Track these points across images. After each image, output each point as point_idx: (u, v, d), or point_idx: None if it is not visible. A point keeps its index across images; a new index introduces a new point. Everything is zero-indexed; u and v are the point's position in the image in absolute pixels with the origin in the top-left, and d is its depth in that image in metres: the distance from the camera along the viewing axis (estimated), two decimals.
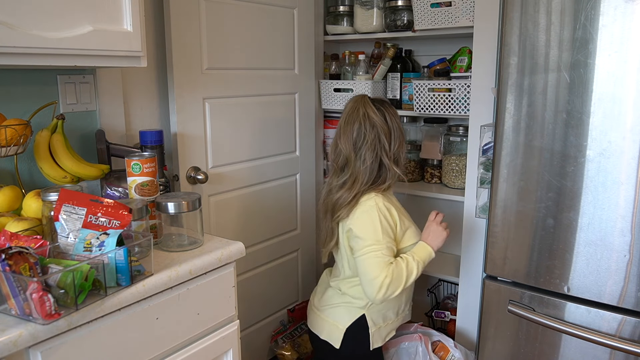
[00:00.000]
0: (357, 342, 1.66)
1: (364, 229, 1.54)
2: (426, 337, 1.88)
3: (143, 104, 1.77)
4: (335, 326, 1.67)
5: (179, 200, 1.29)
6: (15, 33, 1.08)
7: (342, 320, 1.66)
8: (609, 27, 1.28)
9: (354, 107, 1.62)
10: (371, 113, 1.58)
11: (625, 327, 1.38)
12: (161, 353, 1.17)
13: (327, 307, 1.71)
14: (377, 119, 1.58)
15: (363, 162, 1.57)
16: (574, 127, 1.37)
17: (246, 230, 2.10)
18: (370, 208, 1.55)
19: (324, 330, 1.69)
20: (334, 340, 1.66)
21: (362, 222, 1.55)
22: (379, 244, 1.52)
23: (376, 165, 1.58)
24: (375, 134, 1.57)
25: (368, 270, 1.51)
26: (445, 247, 2.54)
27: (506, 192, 1.52)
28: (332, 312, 1.69)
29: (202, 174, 1.85)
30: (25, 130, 1.27)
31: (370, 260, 1.51)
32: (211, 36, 1.85)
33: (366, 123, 1.58)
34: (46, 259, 1.00)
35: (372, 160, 1.57)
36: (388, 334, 1.72)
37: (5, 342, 0.87)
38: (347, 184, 1.59)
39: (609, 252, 1.37)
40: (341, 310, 1.67)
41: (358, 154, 1.58)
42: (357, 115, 1.59)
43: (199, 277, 1.23)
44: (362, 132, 1.57)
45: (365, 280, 1.53)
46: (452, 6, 2.03)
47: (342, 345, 1.65)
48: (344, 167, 1.62)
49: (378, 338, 1.68)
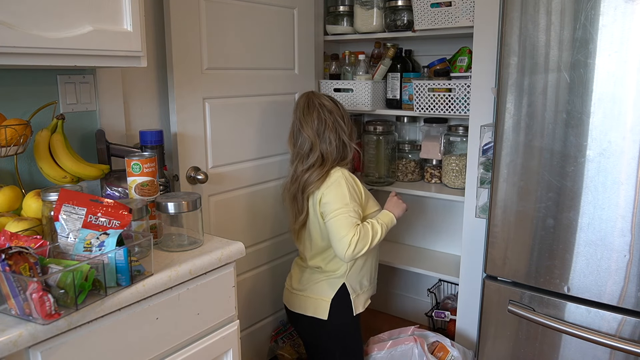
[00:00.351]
0: (341, 310, 1.81)
1: (334, 196, 1.72)
2: (421, 339, 1.88)
3: (143, 104, 1.77)
4: (320, 300, 1.81)
5: (179, 200, 1.29)
6: (15, 33, 1.08)
7: (326, 293, 1.81)
8: (609, 27, 1.28)
9: (307, 100, 1.83)
10: (324, 102, 1.82)
11: (625, 327, 1.38)
12: (161, 353, 1.17)
13: (308, 285, 1.85)
14: (331, 105, 1.81)
15: (329, 143, 1.78)
16: (574, 127, 1.37)
17: (246, 230, 2.10)
18: (339, 178, 1.74)
19: (310, 307, 1.83)
20: (321, 313, 1.80)
21: (332, 190, 1.73)
22: (347, 207, 1.69)
23: (340, 143, 1.79)
24: (334, 118, 1.80)
25: (339, 229, 1.67)
26: (445, 247, 2.56)
27: (506, 192, 1.52)
28: (315, 288, 1.83)
29: (202, 174, 1.85)
30: (25, 130, 1.27)
31: (340, 221, 1.68)
32: (211, 36, 1.85)
33: (324, 110, 1.80)
34: (46, 259, 1.00)
35: (336, 140, 1.78)
36: (366, 301, 1.89)
37: (5, 342, 0.87)
38: (315, 165, 1.78)
39: (609, 252, 1.37)
40: (324, 285, 1.82)
41: (322, 138, 1.78)
42: (313, 106, 1.81)
43: (199, 277, 1.23)
44: (323, 118, 1.79)
45: (335, 239, 1.68)
46: (452, 6, 2.03)
47: (329, 316, 1.79)
48: (309, 153, 1.79)
49: (359, 304, 1.85)
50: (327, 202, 1.72)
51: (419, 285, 2.67)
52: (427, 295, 2.55)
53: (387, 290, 2.77)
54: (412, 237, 2.65)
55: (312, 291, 1.84)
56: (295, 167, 1.84)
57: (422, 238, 2.62)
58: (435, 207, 2.56)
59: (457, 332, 2.14)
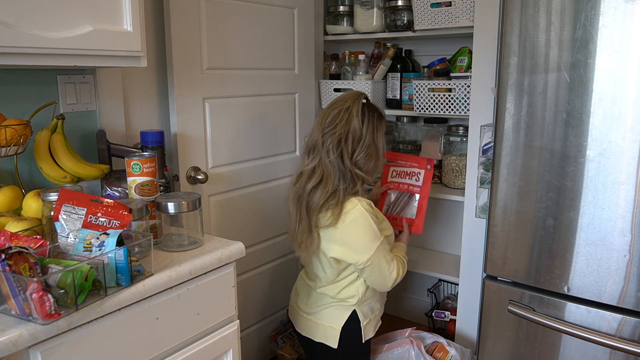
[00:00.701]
0: (351, 338, 1.68)
1: (363, 237, 1.53)
2: (418, 341, 1.88)
3: (143, 104, 1.77)
4: (330, 327, 1.67)
5: (179, 200, 1.29)
6: (15, 33, 1.08)
7: (336, 320, 1.66)
8: (609, 27, 1.28)
9: (346, 97, 1.59)
10: (354, 111, 1.54)
11: (625, 327, 1.38)
12: (161, 353, 1.17)
13: (317, 310, 1.70)
14: (355, 119, 1.53)
15: (327, 153, 1.53)
16: (574, 127, 1.37)
17: (246, 230, 2.10)
18: (361, 214, 1.52)
19: (318, 333, 1.70)
20: (331, 341, 1.67)
21: (358, 230, 1.53)
22: (379, 240, 1.55)
23: (340, 163, 1.53)
24: (345, 131, 1.53)
25: (381, 271, 1.58)
26: (445, 247, 2.56)
27: (506, 192, 1.52)
28: (324, 314, 1.68)
29: (202, 174, 1.85)
30: (25, 130, 1.27)
31: (381, 263, 1.56)
32: (211, 36, 1.85)
33: (344, 116, 1.53)
34: (46, 259, 1.00)
35: (335, 155, 1.52)
36: (377, 325, 1.77)
37: (5, 342, 0.87)
38: (316, 174, 1.54)
39: (609, 252, 1.37)
40: (333, 311, 1.67)
41: (324, 142, 1.53)
42: (342, 104, 1.56)
43: (199, 277, 1.23)
44: (336, 121, 1.53)
45: (380, 281, 1.60)
46: (452, 6, 2.03)
47: (339, 345, 1.66)
48: (312, 150, 1.58)
49: (369, 330, 1.72)
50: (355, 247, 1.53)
51: (418, 285, 2.67)
52: (427, 295, 2.55)
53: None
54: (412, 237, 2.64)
55: (321, 317, 1.69)
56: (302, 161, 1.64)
57: (422, 238, 2.62)
58: (435, 207, 2.56)
59: (457, 332, 2.14)
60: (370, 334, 1.72)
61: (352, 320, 1.66)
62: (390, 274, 1.59)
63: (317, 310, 1.70)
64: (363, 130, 1.54)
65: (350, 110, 1.54)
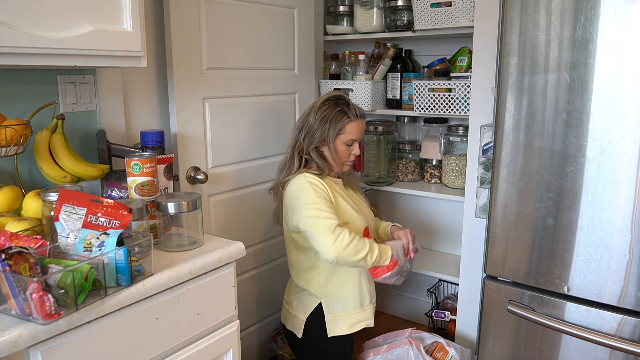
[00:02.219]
0: (316, 331, 1.72)
1: (299, 197, 1.60)
2: (417, 341, 1.88)
3: (143, 104, 1.77)
4: (296, 317, 1.76)
5: (179, 200, 1.29)
6: (15, 33, 1.08)
7: (302, 310, 1.74)
8: (609, 27, 1.28)
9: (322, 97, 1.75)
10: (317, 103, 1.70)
11: (625, 327, 1.38)
12: (161, 353, 1.17)
13: (290, 298, 1.81)
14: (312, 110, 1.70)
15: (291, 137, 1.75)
16: (574, 127, 1.37)
17: (246, 230, 2.10)
18: (302, 182, 1.62)
19: (289, 321, 1.80)
20: (297, 330, 1.75)
21: (296, 193, 1.62)
22: (317, 204, 1.56)
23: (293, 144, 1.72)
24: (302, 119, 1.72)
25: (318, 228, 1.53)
26: (445, 247, 2.56)
27: (506, 192, 1.52)
28: (295, 303, 1.78)
29: (202, 174, 1.85)
30: (25, 130, 1.27)
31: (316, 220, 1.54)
32: (211, 36, 1.85)
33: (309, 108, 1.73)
34: (46, 259, 1.00)
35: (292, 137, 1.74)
36: (354, 325, 1.72)
37: (5, 342, 0.87)
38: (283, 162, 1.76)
39: (609, 252, 1.37)
40: (302, 301, 1.75)
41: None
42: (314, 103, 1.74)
43: (199, 277, 1.23)
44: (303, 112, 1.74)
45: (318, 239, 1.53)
46: (452, 6, 2.03)
47: (304, 334, 1.73)
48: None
49: (336, 327, 1.70)
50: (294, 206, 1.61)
51: (418, 285, 2.67)
52: (427, 295, 2.56)
53: (387, 290, 2.77)
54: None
55: (292, 305, 1.79)
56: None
57: (422, 238, 2.62)
58: (435, 207, 2.56)
59: (457, 332, 2.14)
60: (337, 331, 1.70)
61: (317, 312, 1.71)
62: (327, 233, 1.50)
63: (290, 299, 1.81)
64: (315, 119, 1.68)
65: (314, 105, 1.72)
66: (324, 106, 1.68)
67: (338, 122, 1.66)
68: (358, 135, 1.71)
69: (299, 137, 1.71)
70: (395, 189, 2.36)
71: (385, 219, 1.95)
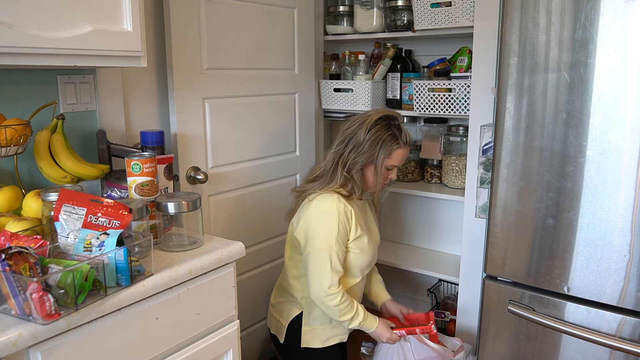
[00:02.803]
0: (294, 338, 1.73)
1: (321, 229, 1.59)
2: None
3: (143, 104, 1.77)
4: (279, 322, 1.79)
5: (179, 200, 1.29)
6: (15, 33, 1.08)
7: (285, 316, 1.77)
8: (609, 27, 1.28)
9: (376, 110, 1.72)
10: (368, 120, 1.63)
11: (625, 327, 1.38)
12: (161, 353, 1.17)
13: (276, 303, 1.83)
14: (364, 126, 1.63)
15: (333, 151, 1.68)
16: (574, 127, 1.37)
17: (246, 230, 2.10)
18: (334, 213, 1.59)
19: (273, 325, 1.83)
20: (279, 335, 1.78)
21: (321, 217, 1.60)
22: (333, 247, 1.57)
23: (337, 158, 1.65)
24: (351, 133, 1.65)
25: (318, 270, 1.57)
26: (445, 247, 2.56)
27: (506, 192, 1.52)
28: (279, 308, 1.81)
29: (202, 174, 1.85)
30: (25, 130, 1.27)
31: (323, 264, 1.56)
32: (211, 36, 1.85)
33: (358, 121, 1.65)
34: (46, 259, 1.00)
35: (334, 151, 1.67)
36: (330, 338, 1.73)
37: (5, 342, 0.87)
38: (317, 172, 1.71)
39: (609, 252, 1.37)
40: (285, 307, 1.78)
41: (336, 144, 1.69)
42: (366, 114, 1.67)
43: (199, 277, 1.23)
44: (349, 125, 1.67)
45: (313, 278, 1.58)
46: (452, 6, 2.03)
47: (285, 340, 1.76)
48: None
49: (312, 338, 1.71)
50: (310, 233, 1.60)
51: (419, 285, 2.67)
52: (427, 295, 2.55)
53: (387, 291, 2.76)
54: (412, 237, 2.65)
55: (277, 310, 1.81)
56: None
57: (422, 238, 2.62)
58: (435, 207, 2.56)
59: (457, 332, 2.14)
60: (313, 343, 1.71)
61: (297, 320, 1.73)
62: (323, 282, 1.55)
63: (276, 303, 1.83)
64: (365, 137, 1.62)
65: (365, 119, 1.64)
66: (376, 125, 1.63)
67: (388, 146, 1.63)
68: (401, 162, 1.71)
69: (344, 151, 1.64)
70: (395, 189, 2.36)
71: (385, 219, 1.95)
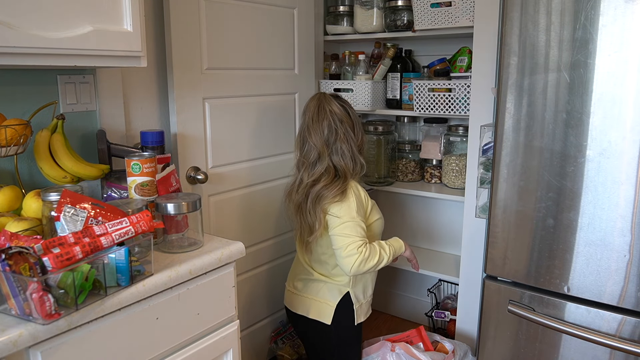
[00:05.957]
0: (345, 318, 1.79)
1: (341, 209, 1.66)
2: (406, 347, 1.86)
3: (143, 104, 1.77)
4: (325, 304, 1.78)
5: (179, 200, 1.29)
6: (15, 33, 1.08)
7: (331, 297, 1.78)
8: (609, 27, 1.28)
9: (318, 105, 1.73)
10: (335, 109, 1.70)
11: (625, 327, 1.38)
12: (161, 353, 1.17)
13: (313, 289, 1.82)
14: (341, 113, 1.71)
15: (342, 155, 1.70)
16: (574, 127, 1.37)
17: (246, 230, 2.10)
18: (353, 195, 1.68)
19: (313, 310, 1.80)
20: (325, 317, 1.77)
21: (340, 203, 1.67)
22: (354, 220, 1.64)
23: (353, 155, 1.71)
24: (345, 128, 1.70)
25: (345, 245, 1.62)
26: (445, 247, 2.56)
27: (506, 192, 1.52)
28: (320, 293, 1.80)
29: (202, 174, 1.85)
30: (25, 130, 1.27)
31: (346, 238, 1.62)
32: (211, 36, 1.85)
33: (335, 119, 1.70)
34: None
35: (349, 151, 1.70)
36: (368, 311, 1.87)
37: (5, 342, 0.87)
38: (324, 177, 1.69)
39: (609, 252, 1.37)
40: (329, 288, 1.79)
41: (333, 149, 1.70)
42: (324, 113, 1.71)
43: (199, 277, 1.23)
44: (333, 128, 1.69)
45: (341, 255, 1.63)
46: (452, 6, 2.03)
47: (332, 322, 1.76)
48: (316, 163, 1.72)
49: (361, 314, 1.83)
50: (334, 215, 1.66)
51: (419, 285, 2.68)
52: (427, 295, 2.56)
53: (387, 290, 2.77)
54: (412, 237, 2.65)
55: (317, 294, 1.81)
56: (301, 175, 1.75)
57: (422, 238, 2.62)
58: (435, 207, 2.56)
59: (457, 332, 2.14)
60: (362, 318, 1.83)
61: (346, 300, 1.77)
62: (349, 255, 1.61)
63: (313, 290, 1.82)
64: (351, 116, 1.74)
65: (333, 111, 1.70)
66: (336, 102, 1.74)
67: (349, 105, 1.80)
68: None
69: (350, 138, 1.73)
70: (395, 189, 2.36)
71: (385, 219, 1.95)
